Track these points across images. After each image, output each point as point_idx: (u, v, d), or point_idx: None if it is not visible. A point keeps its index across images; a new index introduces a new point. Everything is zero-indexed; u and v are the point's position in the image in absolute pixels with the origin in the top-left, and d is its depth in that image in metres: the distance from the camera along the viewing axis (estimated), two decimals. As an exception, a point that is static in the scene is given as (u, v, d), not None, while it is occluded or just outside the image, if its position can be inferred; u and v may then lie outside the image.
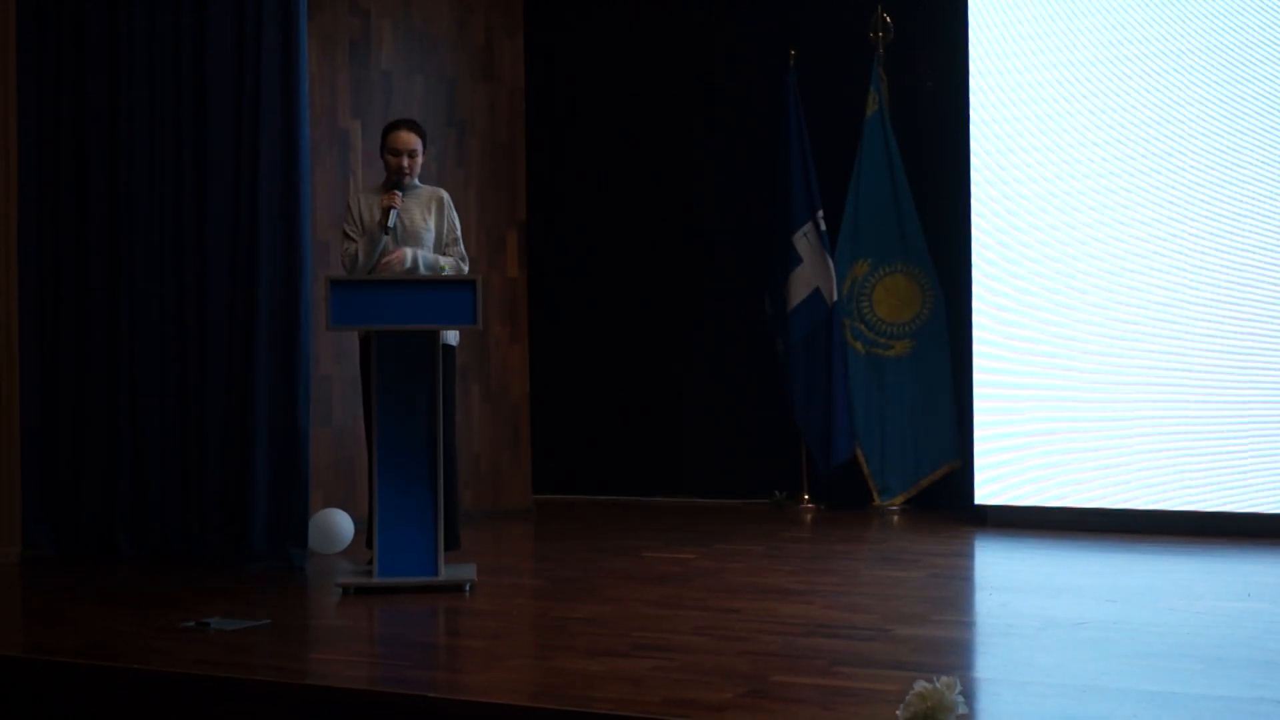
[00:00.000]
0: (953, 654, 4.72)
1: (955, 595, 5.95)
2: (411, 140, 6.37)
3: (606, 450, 9.52)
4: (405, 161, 6.36)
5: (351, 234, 6.37)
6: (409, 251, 6.28)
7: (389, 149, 6.39)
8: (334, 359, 7.79)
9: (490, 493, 8.69)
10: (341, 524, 7.11)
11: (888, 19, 8.64)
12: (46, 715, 4.70)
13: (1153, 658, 4.50)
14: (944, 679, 3.20)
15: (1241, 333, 7.29)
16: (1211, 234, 7.37)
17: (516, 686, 4.28)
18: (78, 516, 7.20)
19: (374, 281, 6.09)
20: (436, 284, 6.01)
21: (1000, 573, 6.70)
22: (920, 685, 3.19)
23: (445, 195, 6.53)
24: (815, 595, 5.72)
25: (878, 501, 8.51)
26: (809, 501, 8.72)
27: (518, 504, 8.81)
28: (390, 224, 6.25)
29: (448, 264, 6.32)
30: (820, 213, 8.56)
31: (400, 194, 6.31)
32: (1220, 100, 7.38)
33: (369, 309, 5.87)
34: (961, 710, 3.18)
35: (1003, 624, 5.23)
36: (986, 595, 6.00)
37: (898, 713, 3.21)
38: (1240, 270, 7.30)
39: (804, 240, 8.58)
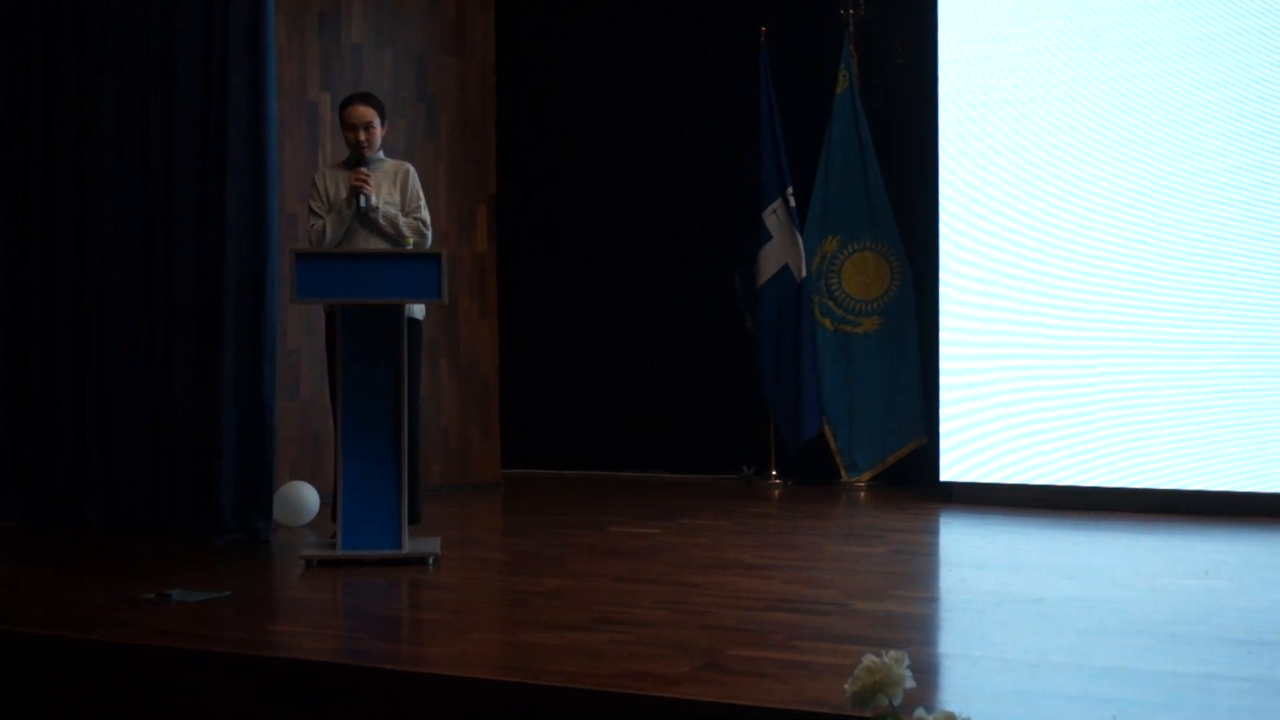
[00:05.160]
0: (910, 629, 4.74)
1: (916, 571, 5.99)
2: (366, 113, 6.38)
3: (576, 425, 9.55)
4: (362, 135, 6.37)
5: (317, 209, 6.39)
6: (377, 198, 6.29)
7: (345, 124, 6.41)
8: (302, 332, 7.79)
9: (459, 467, 8.70)
10: (307, 496, 7.13)
11: (859, -5, 8.66)
12: (6, 684, 4.70)
13: (1106, 633, 4.55)
14: (892, 653, 3.20)
15: (1206, 313, 7.33)
16: (1178, 214, 7.40)
17: (475, 659, 4.30)
18: (46, 487, 7.21)
19: (339, 255, 6.10)
20: (402, 258, 6.02)
21: (962, 549, 6.74)
22: (868, 659, 3.20)
23: (410, 167, 6.53)
24: (777, 570, 5.75)
25: (845, 478, 8.55)
26: (777, 477, 8.76)
27: (486, 478, 8.82)
28: (363, 205, 6.25)
29: (406, 227, 6.32)
30: (790, 189, 8.58)
31: (366, 170, 6.31)
32: (1189, 79, 7.41)
33: (334, 282, 5.87)
34: (909, 684, 3.19)
35: (961, 599, 5.27)
36: (947, 571, 6.04)
37: (846, 686, 3.22)
38: (1205, 252, 7.34)
39: (774, 217, 8.60)
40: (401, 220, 6.33)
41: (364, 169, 6.32)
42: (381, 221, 6.29)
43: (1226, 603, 5.06)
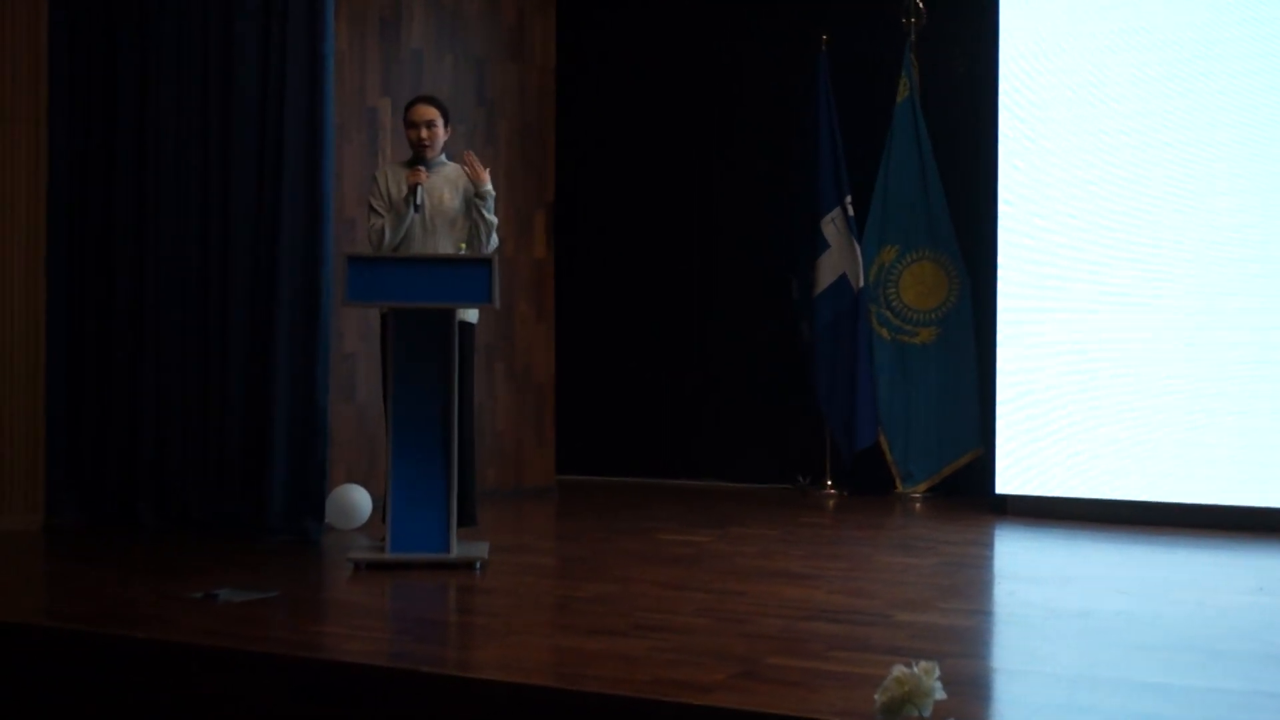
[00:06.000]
0: (952, 641, 4.69)
1: (964, 583, 5.93)
2: (428, 112, 6.42)
3: (631, 432, 9.54)
4: (424, 132, 6.40)
5: (378, 208, 6.42)
6: (489, 186, 6.35)
7: (407, 123, 6.46)
8: (359, 336, 7.83)
9: (513, 472, 8.72)
10: (359, 500, 7.16)
11: (920, 4, 8.60)
12: (57, 681, 4.75)
13: (1152, 649, 4.49)
14: (923, 664, 3.19)
15: (1268, 327, 7.22)
16: (1240, 226, 7.30)
17: (511, 664, 4.30)
18: (100, 486, 7.29)
19: (391, 259, 6.13)
20: (453, 262, 6.03)
21: (1014, 562, 6.68)
22: (898, 669, 3.19)
23: None
24: (823, 580, 5.72)
25: (900, 488, 8.49)
26: (831, 487, 8.71)
27: (540, 484, 8.84)
28: (418, 202, 6.29)
29: (493, 225, 6.37)
30: (848, 198, 8.54)
31: (425, 169, 6.34)
32: (1251, 88, 7.31)
33: (385, 286, 5.90)
34: (939, 695, 3.18)
35: (1008, 612, 5.23)
36: (997, 584, 5.99)
37: (875, 696, 3.21)
38: (1268, 264, 7.23)
39: (832, 225, 8.56)
40: (492, 217, 6.37)
41: (424, 169, 6.35)
42: (488, 216, 6.31)
43: (1277, 619, 4.99)
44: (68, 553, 6.62)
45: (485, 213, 6.34)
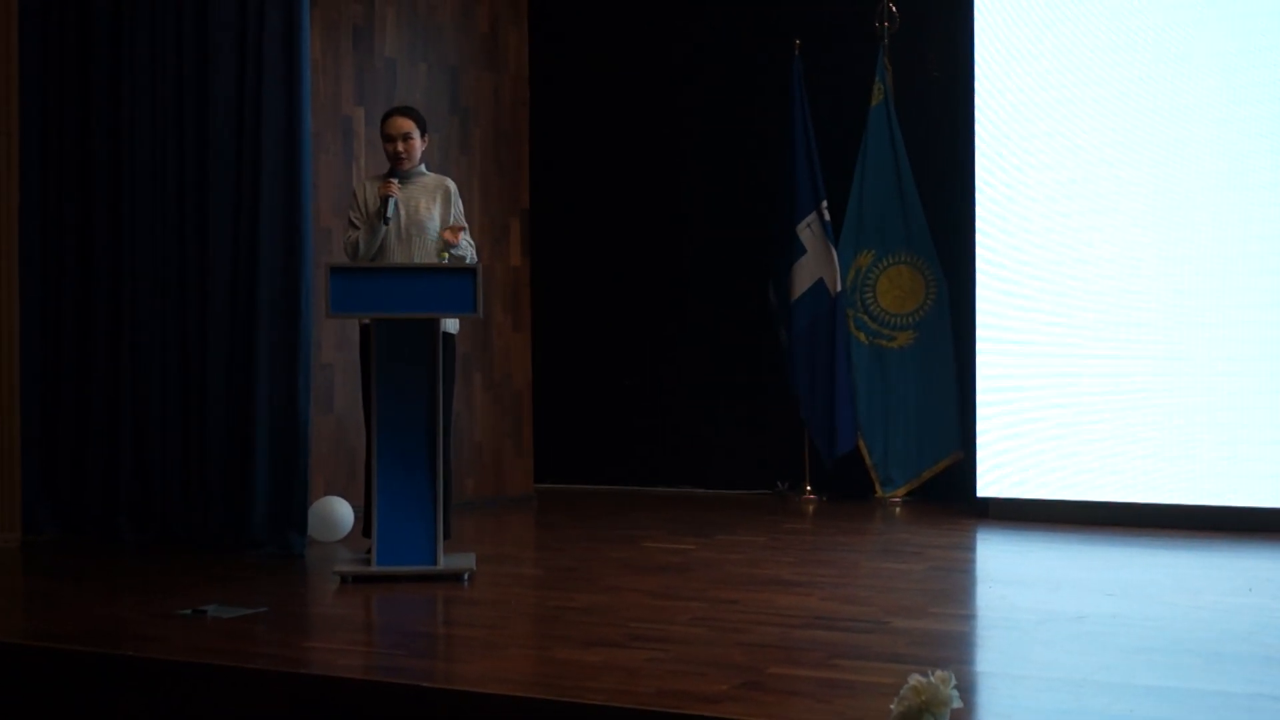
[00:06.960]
0: (950, 647, 4.69)
1: (955, 588, 5.93)
2: (404, 125, 6.39)
3: (609, 440, 9.51)
4: (400, 145, 6.37)
5: (356, 221, 6.40)
6: (465, 239, 6.32)
7: (384, 135, 6.45)
8: (336, 346, 7.77)
9: (492, 481, 8.67)
10: (341, 512, 7.10)
11: (893, 8, 8.61)
12: (43, 701, 4.69)
13: (1151, 652, 4.48)
14: (939, 673, 3.17)
15: (1245, 326, 7.24)
16: (1216, 226, 7.33)
17: (510, 676, 4.25)
18: (79, 501, 7.21)
19: (374, 269, 6.09)
20: (437, 272, 5.99)
21: (1001, 566, 6.68)
22: (915, 679, 3.17)
23: (451, 184, 6.53)
24: (814, 587, 5.70)
25: (880, 493, 8.49)
26: (811, 493, 8.70)
27: (519, 492, 8.80)
28: (389, 213, 6.26)
29: (464, 259, 6.33)
30: (824, 203, 8.54)
31: (397, 181, 6.31)
32: (1226, 91, 7.33)
33: (368, 297, 5.85)
34: (956, 704, 3.16)
35: (1001, 617, 5.22)
36: (987, 588, 5.98)
37: (891, 706, 3.18)
38: (1244, 263, 7.26)
39: (808, 231, 8.56)
40: (470, 252, 6.34)
41: (396, 180, 6.31)
42: (452, 252, 6.29)
43: (1271, 621, 5.00)
44: (47, 569, 6.54)
45: (452, 253, 6.30)
